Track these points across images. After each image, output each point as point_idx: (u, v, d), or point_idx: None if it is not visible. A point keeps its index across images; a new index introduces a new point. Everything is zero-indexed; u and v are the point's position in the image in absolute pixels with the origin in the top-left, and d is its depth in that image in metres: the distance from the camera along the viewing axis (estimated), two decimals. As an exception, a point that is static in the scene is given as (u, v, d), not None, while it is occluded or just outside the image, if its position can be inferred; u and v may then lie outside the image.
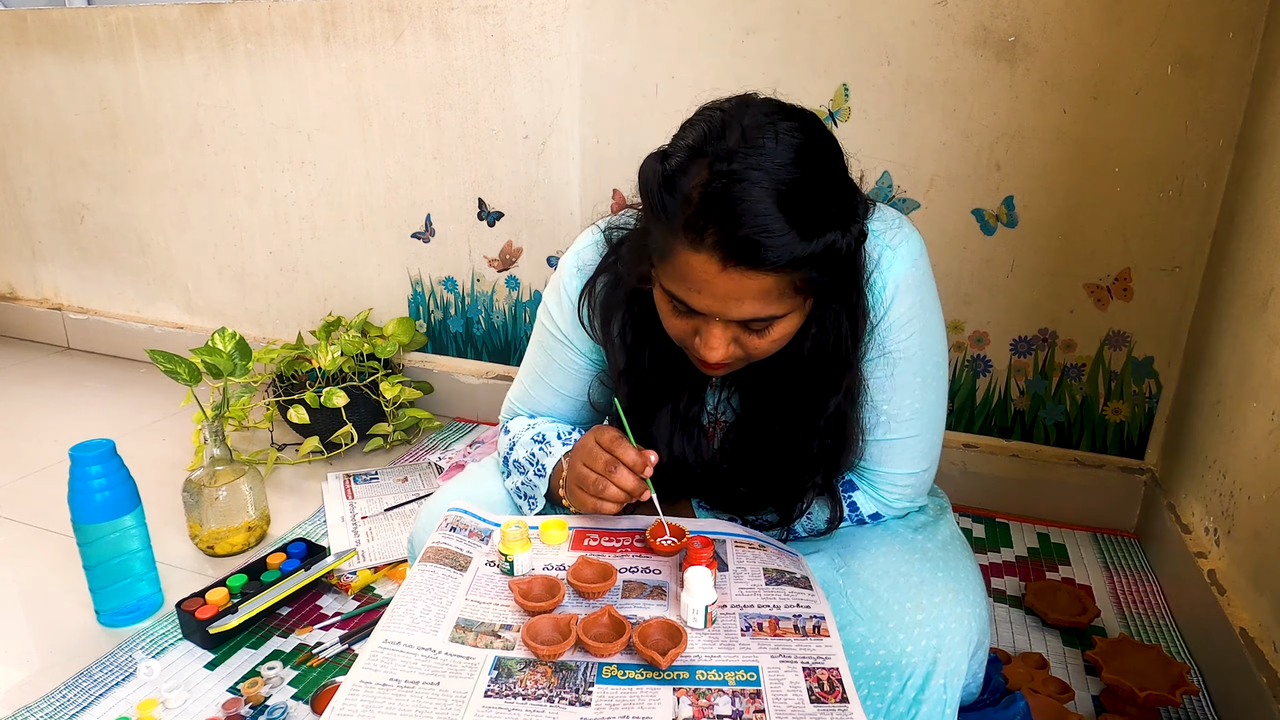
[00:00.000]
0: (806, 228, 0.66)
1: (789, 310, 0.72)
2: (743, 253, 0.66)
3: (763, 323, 0.72)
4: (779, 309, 0.71)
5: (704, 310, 0.72)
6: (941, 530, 0.90)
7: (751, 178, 0.66)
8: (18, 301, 2.46)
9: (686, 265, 0.70)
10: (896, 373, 0.83)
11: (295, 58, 1.81)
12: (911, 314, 0.82)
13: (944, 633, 0.77)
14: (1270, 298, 1.07)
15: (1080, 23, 1.25)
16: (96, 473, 1.11)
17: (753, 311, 0.71)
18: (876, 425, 0.86)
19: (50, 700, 1.03)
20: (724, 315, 0.72)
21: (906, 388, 0.85)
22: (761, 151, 0.66)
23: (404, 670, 0.70)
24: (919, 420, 0.87)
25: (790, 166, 0.66)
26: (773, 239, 0.65)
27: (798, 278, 0.69)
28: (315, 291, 2.01)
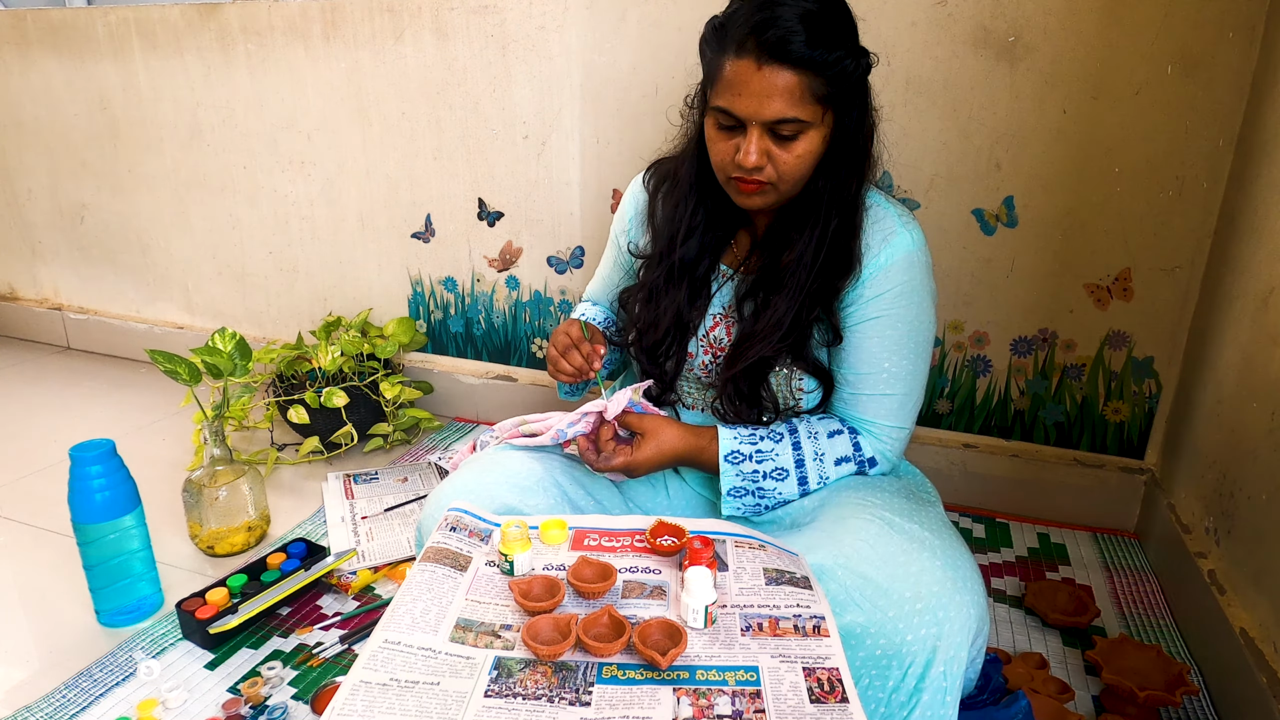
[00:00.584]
0: (823, 40, 0.85)
1: (810, 119, 0.88)
2: (773, 48, 0.84)
3: (789, 126, 0.87)
4: (802, 112, 0.87)
5: (743, 113, 0.88)
6: (934, 518, 0.92)
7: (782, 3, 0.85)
8: (18, 301, 2.46)
9: (732, 73, 0.87)
10: (888, 334, 0.98)
11: (295, 58, 1.81)
12: (908, 284, 0.97)
13: (943, 620, 0.78)
14: (1270, 298, 1.07)
15: (1080, 23, 1.25)
16: (96, 473, 1.11)
17: (780, 109, 0.86)
18: (865, 377, 1.00)
19: (50, 700, 1.03)
20: (759, 114, 0.87)
21: (892, 350, 0.98)
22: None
23: (404, 670, 0.70)
24: (896, 380, 0.99)
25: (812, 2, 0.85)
26: (796, 40, 0.84)
27: (816, 84, 0.86)
28: (315, 291, 2.02)
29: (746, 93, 0.87)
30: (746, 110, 0.88)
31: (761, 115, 0.87)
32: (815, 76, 0.86)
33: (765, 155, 0.90)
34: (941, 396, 1.52)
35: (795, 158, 0.90)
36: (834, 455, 1.00)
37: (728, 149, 0.92)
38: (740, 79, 0.87)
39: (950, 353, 1.49)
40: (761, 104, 0.87)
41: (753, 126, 0.88)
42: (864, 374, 0.99)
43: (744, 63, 0.86)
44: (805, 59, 0.84)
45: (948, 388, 1.52)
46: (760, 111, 0.87)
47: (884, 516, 0.89)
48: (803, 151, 0.90)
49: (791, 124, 0.88)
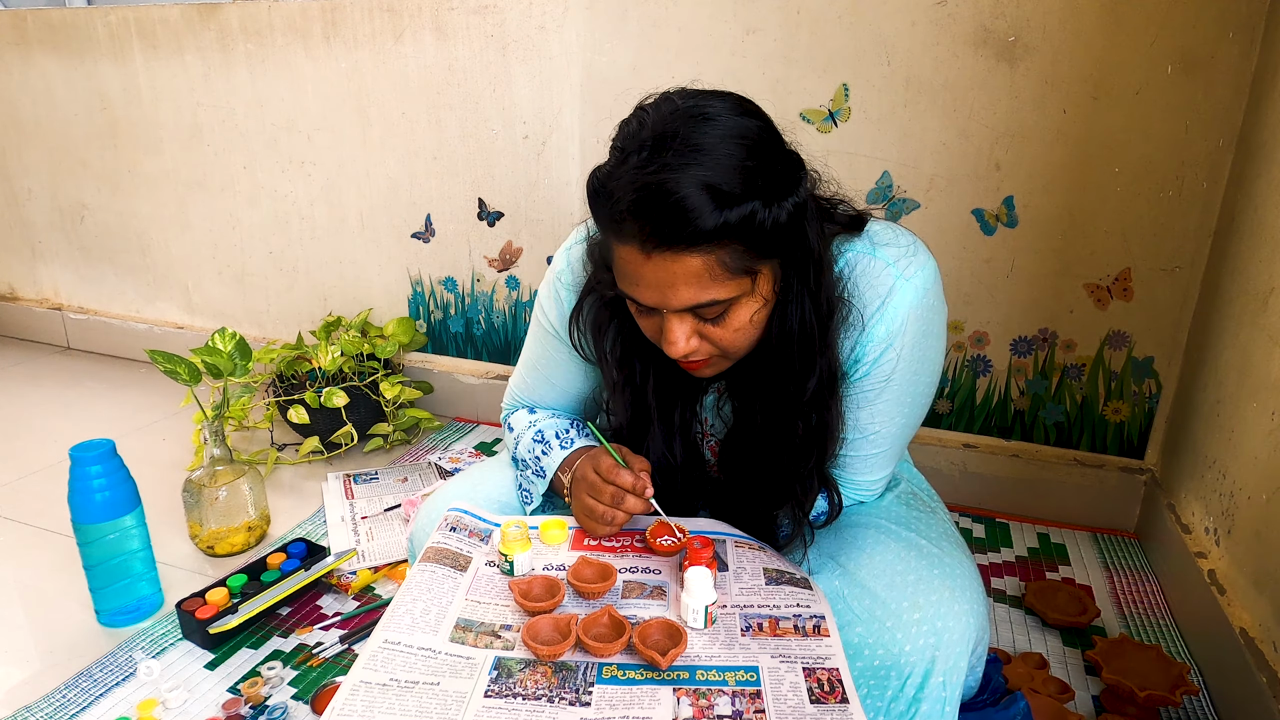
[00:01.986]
0: (717, 201, 0.67)
1: (734, 294, 0.73)
2: (656, 234, 0.68)
3: (712, 308, 0.73)
4: (720, 292, 0.72)
5: (649, 303, 0.74)
6: (936, 526, 0.90)
7: (662, 162, 0.68)
8: (18, 301, 2.46)
9: (621, 261, 0.73)
10: (888, 398, 0.85)
11: (295, 58, 1.81)
12: (913, 344, 0.83)
13: (941, 630, 0.77)
14: (1270, 298, 1.07)
15: (1080, 23, 1.25)
16: (96, 473, 1.11)
17: (691, 297, 0.71)
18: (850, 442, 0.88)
19: (50, 700, 1.03)
20: (666, 305, 0.73)
21: (883, 415, 0.87)
22: (674, 139, 0.68)
23: (404, 670, 0.70)
24: (886, 440, 0.89)
25: (698, 149, 0.68)
26: (680, 215, 0.66)
27: (725, 255, 0.69)
28: (315, 291, 2.02)
29: (644, 284, 0.72)
30: (651, 301, 0.73)
31: (671, 305, 0.72)
32: (725, 249, 0.69)
33: (697, 336, 0.76)
34: (941, 396, 1.52)
35: (734, 333, 0.76)
36: None
37: (652, 328, 0.78)
38: (631, 269, 0.72)
39: (950, 353, 1.49)
40: (665, 295, 0.72)
41: (668, 314, 0.74)
42: (854, 438, 0.88)
43: (628, 250, 0.71)
44: (700, 236, 0.67)
45: (948, 388, 1.52)
46: (667, 302, 0.72)
47: (881, 525, 0.88)
48: (740, 324, 0.75)
49: (712, 306, 0.73)
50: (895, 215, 1.44)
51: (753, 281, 0.73)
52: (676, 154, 0.68)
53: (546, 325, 0.95)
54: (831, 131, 1.43)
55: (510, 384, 1.07)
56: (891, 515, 0.91)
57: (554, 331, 0.95)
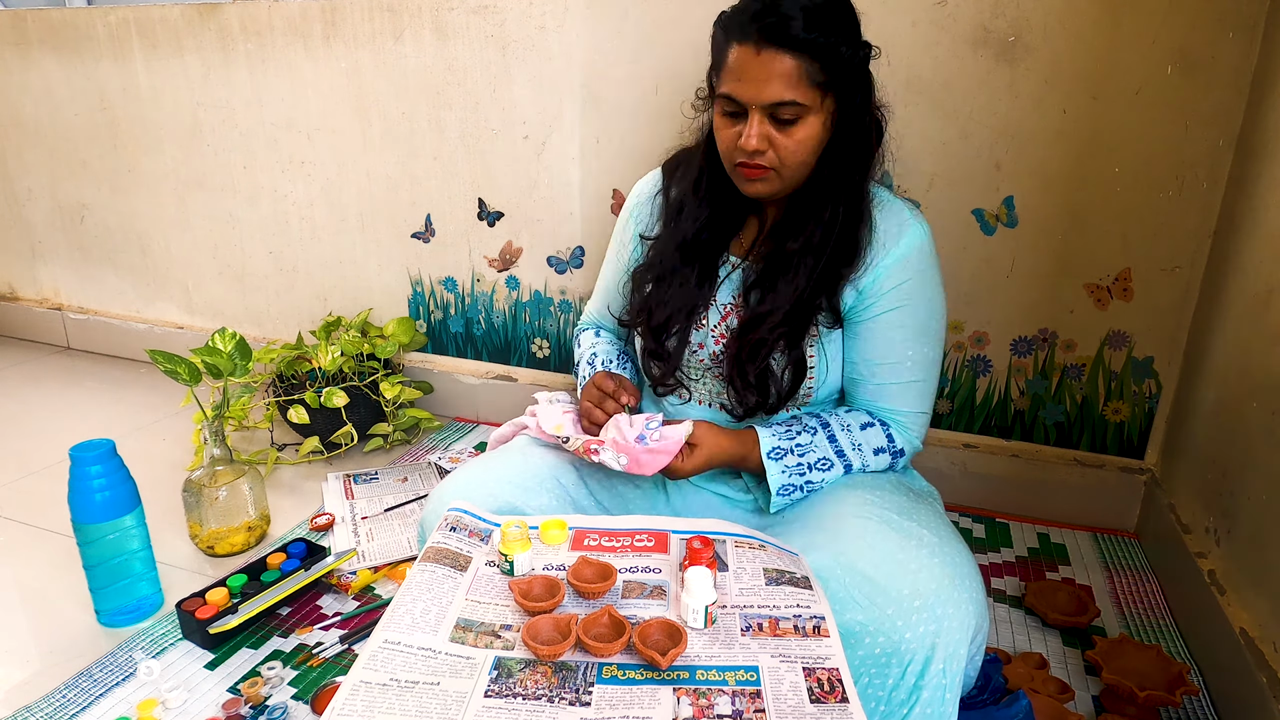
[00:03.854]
0: (820, 26, 0.88)
1: (808, 102, 0.90)
2: (770, 32, 0.87)
3: (789, 110, 0.90)
4: (800, 95, 0.89)
5: (744, 98, 0.91)
6: (932, 516, 0.92)
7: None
8: (18, 301, 2.46)
9: (734, 59, 0.91)
10: (908, 322, 1.00)
11: (295, 58, 1.81)
12: (924, 273, 1.00)
13: (941, 617, 0.78)
14: (1270, 298, 1.07)
15: (1080, 23, 1.25)
16: (96, 473, 1.11)
17: (778, 92, 0.89)
18: (888, 368, 1.01)
19: (50, 700, 1.03)
20: (758, 98, 0.90)
21: (913, 338, 1.01)
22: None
23: (404, 670, 0.71)
24: (918, 367, 1.02)
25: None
26: (793, 25, 0.87)
27: (814, 69, 0.88)
28: (315, 291, 2.02)
29: (746, 77, 0.90)
30: (746, 95, 0.90)
31: (760, 99, 0.89)
32: (812, 61, 0.88)
33: (766, 140, 0.92)
34: (941, 396, 1.52)
35: (796, 142, 0.92)
36: (871, 446, 1.02)
37: (731, 135, 0.94)
38: (740, 64, 0.90)
39: (950, 353, 1.49)
40: (760, 88, 0.89)
41: (754, 111, 0.91)
42: (888, 364, 1.01)
43: (744, 48, 0.89)
44: (802, 42, 0.87)
45: (948, 388, 1.52)
46: (759, 95, 0.89)
47: (883, 514, 0.89)
48: (803, 137, 0.92)
49: (790, 107, 0.90)
50: (895, 215, 1.44)
51: (822, 99, 0.91)
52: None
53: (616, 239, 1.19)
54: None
55: (587, 307, 1.29)
56: (892, 505, 0.92)
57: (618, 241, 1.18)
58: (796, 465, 0.99)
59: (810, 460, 1.00)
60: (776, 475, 0.99)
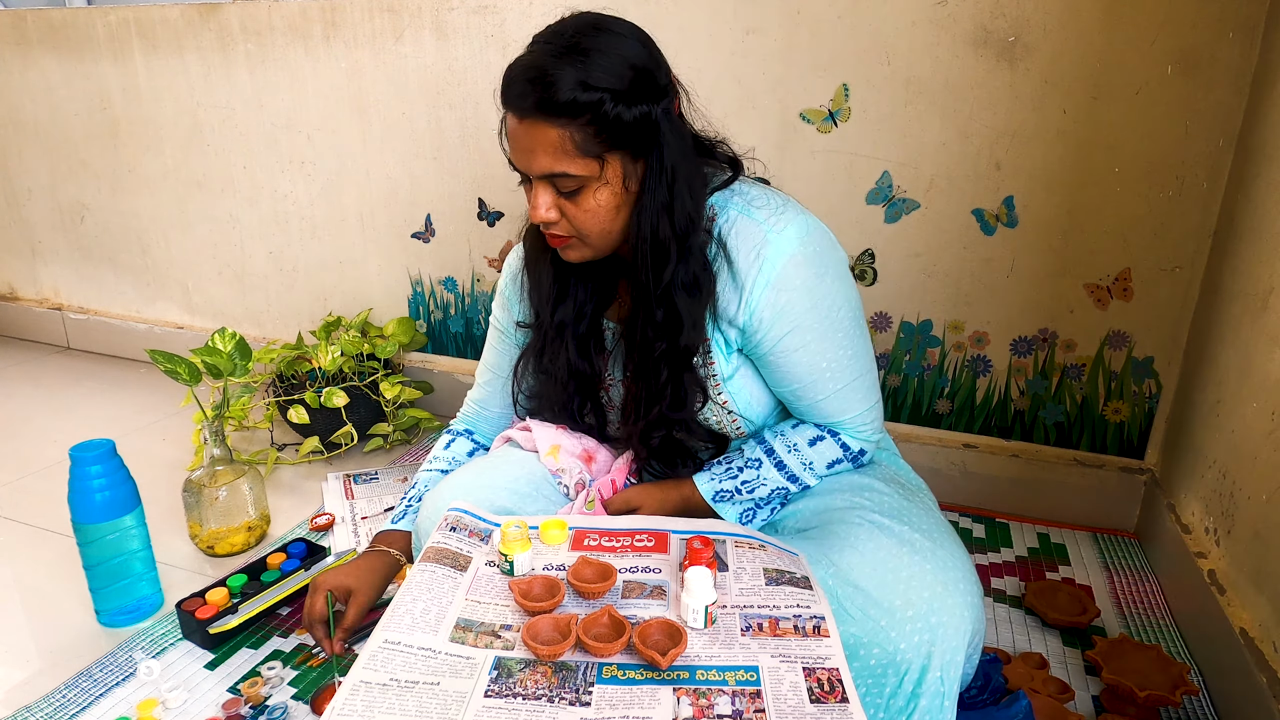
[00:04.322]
0: (577, 85, 0.80)
1: (583, 173, 0.84)
2: (525, 101, 0.82)
3: (566, 180, 0.84)
4: (571, 167, 0.83)
5: (520, 168, 0.87)
6: (926, 517, 0.90)
7: (548, 50, 0.82)
8: (18, 301, 2.46)
9: (507, 128, 0.86)
10: (809, 339, 0.92)
11: (295, 58, 1.81)
12: (804, 285, 0.89)
13: (936, 626, 0.78)
14: (1270, 298, 1.07)
15: (1080, 23, 1.25)
16: (96, 473, 1.11)
17: (547, 165, 0.84)
18: (811, 386, 0.94)
19: (50, 700, 1.03)
20: (529, 169, 0.85)
21: (822, 350, 0.92)
22: (567, 36, 0.83)
23: (404, 670, 0.70)
24: (842, 371, 0.94)
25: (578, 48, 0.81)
26: (545, 88, 0.80)
27: (577, 134, 0.82)
28: (315, 291, 2.02)
29: (516, 147, 0.86)
30: (521, 165, 0.86)
31: (531, 170, 0.85)
32: (578, 128, 0.82)
33: (556, 209, 0.87)
34: (941, 396, 1.52)
35: (585, 213, 0.87)
36: (824, 460, 0.97)
37: (529, 199, 0.89)
38: (510, 134, 0.86)
39: (950, 353, 1.49)
40: (529, 159, 0.85)
41: (535, 181, 0.87)
42: (808, 383, 0.94)
43: (510, 116, 0.85)
44: (562, 108, 0.80)
45: (948, 388, 1.52)
46: (530, 166, 0.85)
47: (874, 520, 0.88)
48: (593, 206, 0.86)
49: (566, 179, 0.84)
50: (895, 215, 1.44)
51: (601, 167, 0.85)
52: (563, 47, 0.82)
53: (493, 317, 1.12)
54: (831, 131, 1.43)
55: (469, 396, 1.18)
56: (883, 508, 0.90)
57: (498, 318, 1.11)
58: (748, 500, 0.98)
59: (762, 495, 0.97)
60: (732, 514, 0.98)
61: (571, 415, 1.04)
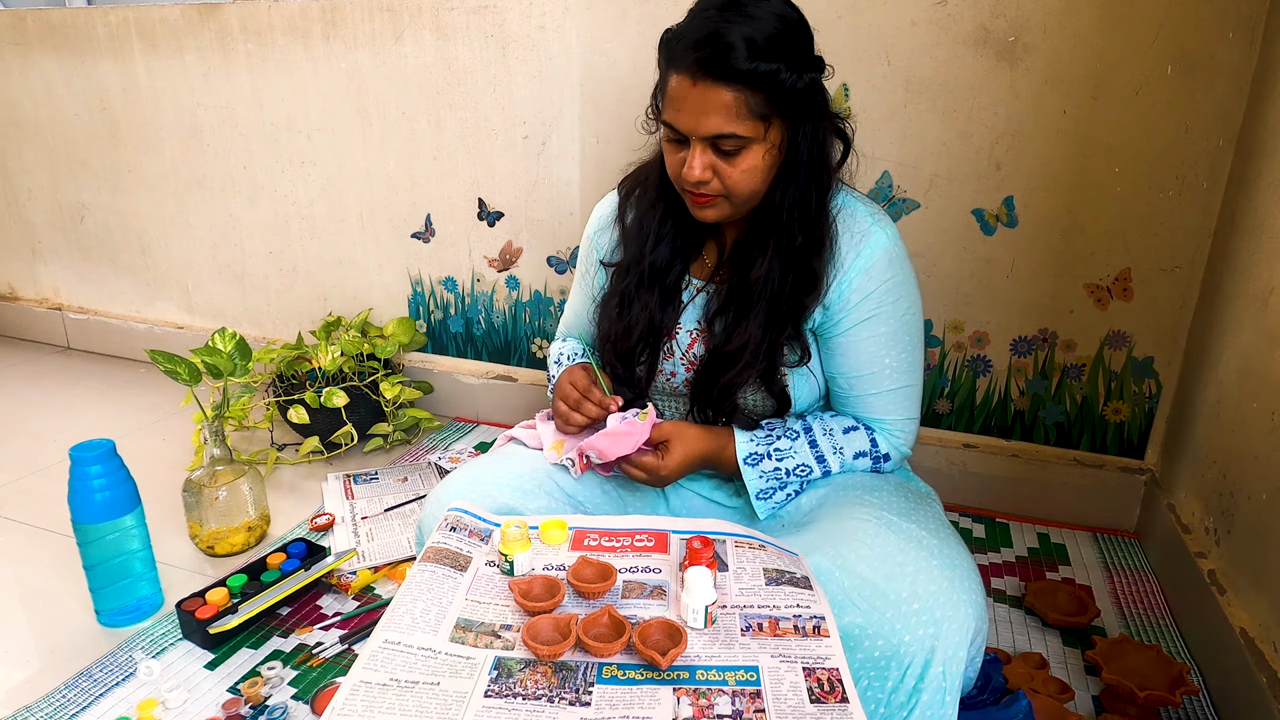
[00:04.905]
0: (759, 55, 0.84)
1: (749, 134, 0.87)
2: (705, 64, 0.84)
3: (730, 140, 0.88)
4: (740, 128, 0.87)
5: (683, 128, 0.89)
6: (931, 517, 0.91)
7: (725, 17, 0.85)
8: (18, 301, 2.46)
9: (673, 88, 0.89)
10: (881, 331, 0.98)
11: (295, 58, 1.81)
12: (892, 280, 0.97)
13: (940, 620, 0.78)
14: (1270, 298, 1.07)
15: (1080, 23, 1.25)
16: (96, 473, 1.11)
17: (717, 126, 0.87)
18: (868, 378, 1.00)
19: (50, 700, 1.03)
20: (696, 130, 0.88)
21: (889, 346, 0.99)
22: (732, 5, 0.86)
23: (404, 670, 0.71)
24: (902, 375, 1.00)
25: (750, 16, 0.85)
26: (727, 55, 0.83)
27: (754, 100, 0.86)
28: (315, 291, 2.02)
29: (684, 109, 0.88)
30: (686, 126, 0.89)
31: (699, 131, 0.88)
32: (754, 93, 0.86)
33: (710, 170, 0.90)
34: (941, 396, 1.52)
35: (741, 173, 0.90)
36: (852, 450, 1.01)
37: (677, 162, 0.92)
38: (679, 94, 0.88)
39: (950, 353, 1.49)
40: (698, 120, 0.87)
41: (695, 141, 0.89)
42: (866, 374, 1.00)
43: (682, 78, 0.87)
44: (741, 74, 0.84)
45: (948, 388, 1.52)
46: (697, 128, 0.88)
47: (881, 516, 0.89)
48: (748, 167, 0.90)
49: (731, 140, 0.88)
50: (895, 215, 1.44)
51: (766, 129, 0.88)
52: (735, 14, 0.85)
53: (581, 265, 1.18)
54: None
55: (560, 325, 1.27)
56: (891, 506, 0.91)
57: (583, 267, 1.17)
58: (774, 470, 0.99)
59: (789, 466, 0.99)
60: (754, 480, 0.99)
61: (632, 360, 1.06)
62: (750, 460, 0.99)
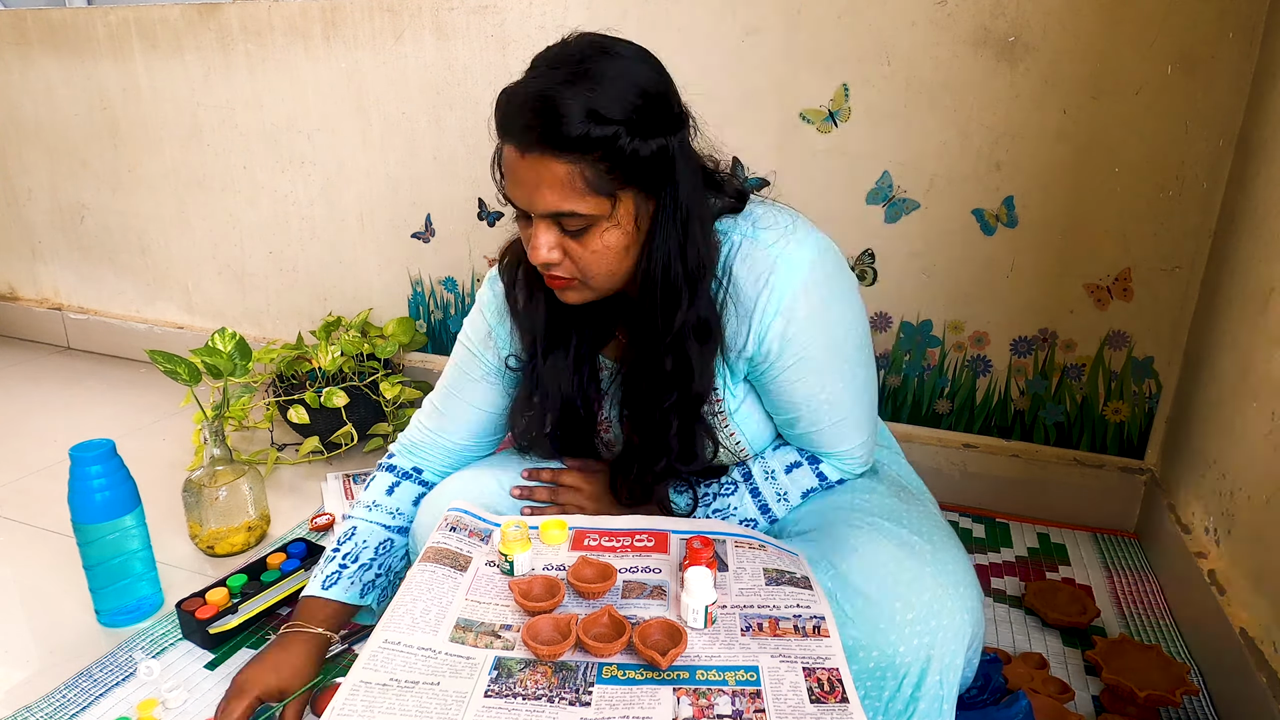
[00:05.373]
0: (588, 116, 0.74)
1: (593, 211, 0.77)
2: (531, 134, 0.75)
3: (572, 219, 0.78)
4: (580, 206, 0.77)
5: (521, 205, 0.80)
6: (927, 520, 0.90)
7: (556, 76, 0.75)
8: (18, 301, 2.46)
9: (506, 160, 0.79)
10: (806, 374, 0.89)
11: (295, 58, 1.81)
12: (811, 313, 0.86)
13: (935, 629, 0.77)
14: (1270, 298, 1.07)
15: (1080, 23, 1.25)
16: (96, 473, 1.11)
17: (554, 203, 0.77)
18: (806, 417, 0.92)
19: (50, 700, 1.03)
20: (532, 207, 0.78)
21: (822, 381, 0.90)
22: (574, 62, 0.76)
23: (404, 670, 0.71)
24: (841, 407, 0.92)
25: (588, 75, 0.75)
26: (553, 120, 0.73)
27: (588, 170, 0.75)
28: (315, 291, 2.01)
29: (515, 181, 0.79)
30: (521, 201, 0.79)
31: (535, 208, 0.78)
32: (594, 164, 0.75)
33: (559, 250, 0.80)
34: (941, 396, 1.52)
35: (592, 254, 0.80)
36: (798, 489, 0.97)
37: (526, 235, 0.83)
38: (510, 167, 0.79)
39: (950, 353, 1.49)
40: (531, 196, 0.77)
41: (536, 219, 0.80)
42: (803, 414, 0.92)
43: (508, 148, 0.78)
44: (573, 143, 0.74)
45: (948, 388, 1.52)
46: (533, 204, 0.78)
47: (874, 523, 0.88)
48: (598, 248, 0.80)
49: (572, 218, 0.78)
50: (895, 215, 1.44)
51: (612, 205, 0.78)
52: (571, 73, 0.75)
53: (468, 344, 1.01)
54: (831, 131, 1.43)
55: (414, 418, 1.07)
56: (884, 511, 0.90)
57: (474, 348, 1.01)
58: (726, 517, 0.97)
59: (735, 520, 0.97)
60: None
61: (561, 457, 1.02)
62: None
